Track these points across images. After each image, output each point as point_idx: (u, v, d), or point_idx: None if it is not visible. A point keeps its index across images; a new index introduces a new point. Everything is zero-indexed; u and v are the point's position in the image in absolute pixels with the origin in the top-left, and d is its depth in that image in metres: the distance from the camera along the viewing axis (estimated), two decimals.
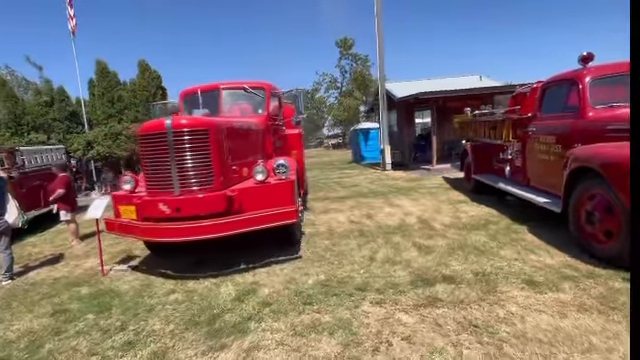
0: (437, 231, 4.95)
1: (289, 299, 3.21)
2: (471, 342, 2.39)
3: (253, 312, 3.01)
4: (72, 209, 6.15)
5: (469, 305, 2.88)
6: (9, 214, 4.40)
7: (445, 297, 3.04)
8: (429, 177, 10.13)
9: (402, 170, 12.15)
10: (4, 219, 4.35)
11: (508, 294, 3.00)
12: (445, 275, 3.47)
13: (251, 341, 2.59)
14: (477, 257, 3.89)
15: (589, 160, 3.64)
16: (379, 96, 12.44)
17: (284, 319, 2.86)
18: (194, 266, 4.30)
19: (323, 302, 3.09)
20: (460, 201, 6.75)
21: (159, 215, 3.73)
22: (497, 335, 2.43)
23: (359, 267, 3.86)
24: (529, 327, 2.51)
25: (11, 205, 4.44)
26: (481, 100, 11.77)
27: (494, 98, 12.73)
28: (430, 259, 3.94)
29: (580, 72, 4.43)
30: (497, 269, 3.52)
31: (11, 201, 4.46)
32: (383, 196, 7.87)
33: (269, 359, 2.37)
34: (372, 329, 2.63)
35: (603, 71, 4.36)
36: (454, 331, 2.53)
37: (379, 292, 3.21)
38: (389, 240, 4.71)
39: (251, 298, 3.30)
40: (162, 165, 3.77)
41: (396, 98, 12.09)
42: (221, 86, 5.50)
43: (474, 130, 7.51)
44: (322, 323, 2.75)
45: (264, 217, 3.78)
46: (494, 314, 2.70)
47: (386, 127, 12.37)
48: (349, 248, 4.52)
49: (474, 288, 3.16)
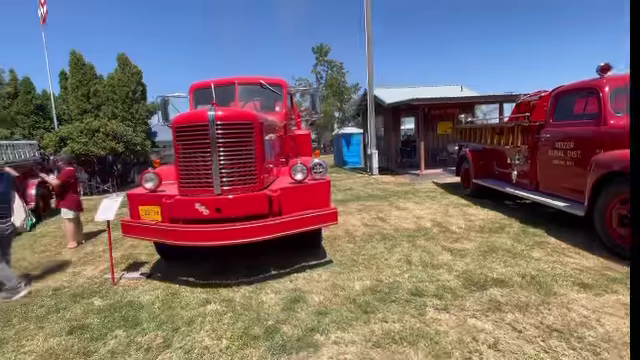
0: (458, 234, 4.88)
1: (346, 307, 2.95)
2: (562, 347, 2.27)
3: (313, 323, 2.72)
4: (75, 207, 5.50)
5: (537, 309, 2.78)
6: (16, 216, 3.78)
7: (507, 301, 2.92)
8: (419, 182, 10.20)
9: (389, 175, 12.18)
10: (11, 222, 3.74)
11: (568, 297, 2.94)
12: (494, 278, 3.37)
13: (329, 357, 2.31)
14: (513, 259, 3.85)
15: (627, 165, 3.69)
16: (368, 101, 12.43)
17: (352, 330, 2.60)
18: (217, 273, 3.91)
19: (384, 310, 2.87)
20: (463, 204, 6.79)
21: (195, 216, 3.32)
22: (586, 340, 2.33)
23: (400, 271, 3.67)
24: (611, 330, 2.43)
25: (18, 205, 3.81)
26: (463, 109, 12.14)
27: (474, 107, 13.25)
28: (469, 262, 3.83)
29: (600, 81, 4.55)
30: (540, 271, 3.48)
31: (18, 201, 3.83)
32: (384, 199, 7.77)
33: None
34: (452, 337, 2.44)
35: (622, 81, 4.51)
36: (538, 336, 2.40)
37: (437, 297, 3.04)
38: (415, 243, 4.57)
39: (302, 307, 3.00)
40: (201, 161, 3.37)
41: (385, 104, 12.14)
42: (236, 81, 5.13)
43: (476, 136, 7.60)
44: (396, 332, 2.52)
45: (308, 219, 3.50)
46: (568, 318, 2.62)
47: (374, 132, 12.38)
48: (378, 252, 4.32)
49: (530, 291, 3.07)
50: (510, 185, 6.19)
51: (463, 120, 8.54)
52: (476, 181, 7.20)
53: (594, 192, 4.09)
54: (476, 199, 7.06)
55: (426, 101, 10.73)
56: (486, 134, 7.11)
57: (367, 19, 12.19)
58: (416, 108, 11.35)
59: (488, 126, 7.26)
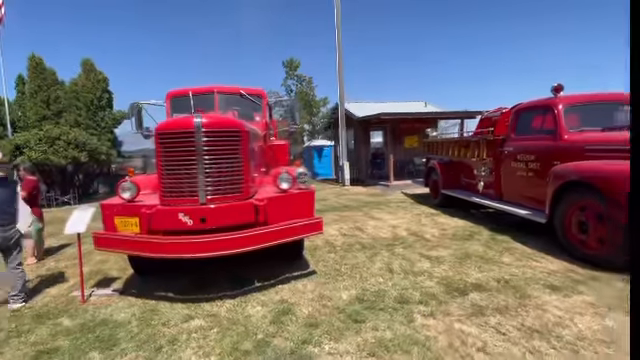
0: (433, 242, 5.01)
1: (336, 317, 2.90)
2: (545, 347, 2.36)
3: (304, 335, 2.64)
4: None
5: (516, 311, 2.88)
6: (22, 222, 3.45)
7: (487, 305, 3.01)
8: (390, 192, 10.41)
9: (361, 186, 12.36)
10: (16, 228, 3.38)
11: (541, 299, 3.08)
12: (472, 283, 3.48)
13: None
14: (487, 265, 3.99)
15: (584, 176, 3.98)
16: (339, 115, 12.64)
17: (345, 340, 2.55)
18: (198, 287, 3.72)
19: (373, 318, 2.85)
20: (434, 214, 7.00)
21: (178, 227, 3.15)
22: (564, 339, 2.44)
23: (383, 280, 3.69)
24: (583, 328, 2.57)
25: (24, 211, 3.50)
26: (427, 124, 12.65)
27: (437, 122, 13.83)
28: (447, 269, 3.93)
29: (555, 100, 4.92)
30: (513, 276, 3.63)
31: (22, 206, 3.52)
32: (359, 210, 7.84)
33: None
34: (442, 342, 2.47)
35: (573, 100, 4.91)
36: (522, 338, 2.49)
37: (423, 304, 3.07)
38: (394, 252, 4.63)
39: (291, 319, 2.91)
40: (186, 169, 3.21)
41: (355, 117, 12.40)
42: (216, 89, 5.01)
43: (443, 149, 7.91)
44: (388, 340, 2.51)
45: (295, 228, 3.42)
46: (545, 319, 2.74)
47: (345, 145, 12.57)
48: (360, 261, 4.32)
49: (507, 294, 3.19)
50: (477, 195, 6.47)
51: (430, 134, 8.88)
52: (444, 191, 7.47)
53: (554, 201, 4.37)
54: (445, 208, 7.32)
55: (394, 116, 11.08)
56: (453, 147, 7.43)
57: (338, 37, 12.49)
58: (385, 122, 11.69)
59: (455, 140, 7.60)
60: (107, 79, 15.48)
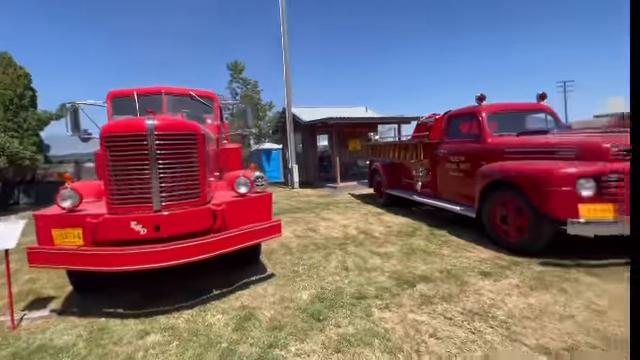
0: (382, 239, 5.27)
1: (299, 318, 2.92)
2: (484, 327, 2.64)
3: (270, 339, 2.63)
4: None
5: (458, 297, 3.17)
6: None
7: (434, 294, 3.26)
8: (338, 194, 10.68)
9: (310, 188, 12.48)
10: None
11: (477, 284, 3.42)
12: (420, 275, 3.73)
13: None
14: (429, 257, 4.31)
15: (505, 175, 4.49)
16: (287, 119, 12.64)
17: (310, 340, 2.59)
18: (150, 300, 3.48)
19: (334, 315, 2.93)
20: (379, 213, 7.34)
21: (129, 237, 2.92)
22: (499, 319, 2.75)
23: (340, 277, 3.80)
24: (513, 307, 2.92)
25: None
26: (368, 128, 13.21)
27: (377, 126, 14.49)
28: (396, 263, 4.17)
29: (480, 108, 5.47)
30: (453, 266, 3.97)
31: None
32: (310, 211, 7.93)
33: None
34: (399, 332, 2.63)
35: (494, 108, 5.51)
36: (465, 321, 2.75)
37: (378, 298, 3.23)
38: (347, 250, 4.78)
39: (254, 324, 2.88)
40: (138, 174, 2.99)
41: (303, 121, 12.51)
42: (163, 90, 4.70)
43: (385, 152, 8.31)
44: (351, 335, 2.60)
45: (254, 232, 3.37)
46: (482, 303, 3.04)
47: (294, 148, 12.61)
48: (316, 261, 4.39)
49: (450, 283, 3.49)
50: (416, 194, 6.92)
51: (372, 138, 9.29)
52: (388, 191, 7.87)
53: (481, 197, 4.87)
54: (389, 207, 7.72)
55: (339, 120, 11.40)
56: (394, 150, 7.86)
57: (284, 44, 12.50)
58: (330, 126, 11.96)
59: (396, 143, 8.04)
60: (29, 75, 13.61)
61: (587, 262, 3.78)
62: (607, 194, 3.65)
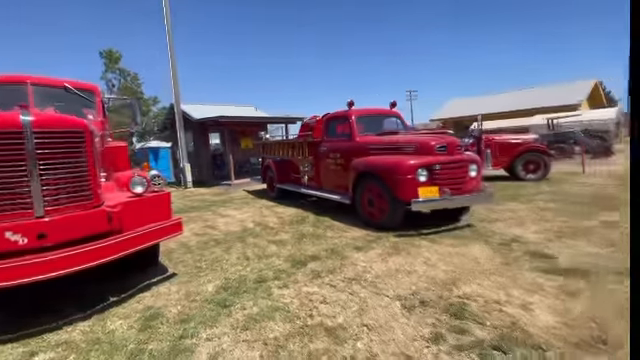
0: (276, 229, 5.60)
1: (206, 308, 3.01)
2: (359, 289, 3.24)
3: (179, 332, 2.66)
4: None
5: (340, 269, 3.74)
6: None
7: (322, 269, 3.76)
8: (233, 191, 10.54)
9: (204, 187, 11.89)
10: None
11: (353, 257, 4.07)
12: (310, 256, 4.20)
13: (207, 353, 2.39)
14: (318, 240, 4.85)
15: (369, 167, 5.33)
16: (176, 116, 11.65)
17: (219, 324, 2.73)
18: (35, 316, 3.02)
19: (240, 300, 3.12)
20: (272, 206, 7.66)
21: (5, 249, 2.49)
22: (369, 280, 3.40)
23: (242, 267, 3.97)
24: (378, 270, 3.62)
25: None
26: (259, 127, 13.33)
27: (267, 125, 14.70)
28: (290, 248, 4.56)
29: (349, 112, 6.28)
30: (335, 245, 4.58)
31: None
32: (207, 209, 7.69)
33: (240, 357, 2.34)
34: (296, 303, 3.01)
35: (360, 112, 6.39)
36: (345, 286, 3.30)
37: (277, 279, 3.55)
38: (246, 242, 4.95)
39: (161, 321, 2.84)
40: (12, 177, 2.54)
41: (193, 119, 11.74)
42: (29, 80, 3.90)
43: (275, 150, 8.63)
44: (256, 314, 2.85)
45: (154, 232, 3.20)
46: (357, 270, 3.67)
47: (185, 146, 11.76)
48: (218, 255, 4.44)
49: (333, 259, 4.05)
50: (303, 187, 7.49)
51: (263, 137, 9.52)
52: (279, 186, 8.26)
53: (354, 187, 5.67)
54: (281, 200, 8.11)
55: (231, 119, 11.20)
56: (283, 148, 8.27)
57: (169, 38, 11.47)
58: (222, 124, 11.63)
59: (285, 142, 8.46)
60: None
61: (425, 231, 4.87)
62: (434, 179, 4.77)
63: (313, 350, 2.34)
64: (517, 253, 3.91)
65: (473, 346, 2.30)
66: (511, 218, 5.45)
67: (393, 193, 4.84)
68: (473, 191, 5.03)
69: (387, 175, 4.95)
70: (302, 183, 7.54)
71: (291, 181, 8.12)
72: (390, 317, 2.71)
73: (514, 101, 27.21)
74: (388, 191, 4.94)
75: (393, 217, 4.99)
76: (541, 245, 4.13)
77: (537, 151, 9.13)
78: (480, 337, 2.39)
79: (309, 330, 2.58)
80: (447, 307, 2.79)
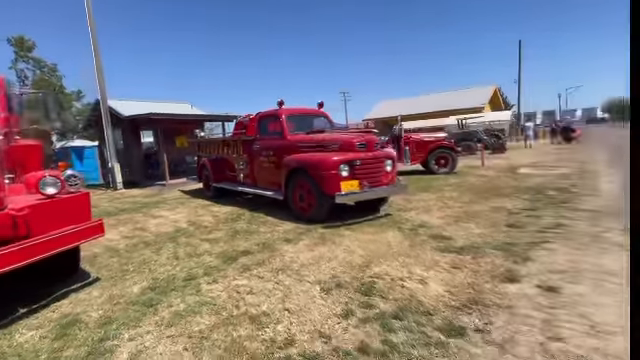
0: (210, 227, 5.51)
1: (131, 309, 2.91)
2: (284, 277, 3.40)
3: (100, 335, 2.55)
4: None
5: (269, 261, 3.86)
6: None
7: (251, 263, 3.85)
8: (167, 191, 9.94)
9: (136, 188, 10.96)
10: None
11: (283, 249, 4.23)
12: (241, 251, 4.25)
13: (129, 352, 2.35)
14: (250, 236, 4.91)
15: (299, 164, 5.52)
16: (102, 113, 10.49)
17: (143, 324, 2.68)
18: None
19: (167, 298, 3.08)
20: (208, 205, 7.46)
21: None
22: (294, 269, 3.58)
23: (172, 267, 3.88)
24: (304, 260, 3.83)
25: None
26: (194, 125, 12.73)
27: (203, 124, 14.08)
28: (222, 245, 4.55)
29: (280, 110, 6.39)
30: (267, 239, 4.69)
31: None
32: (138, 211, 7.18)
33: (163, 352, 2.34)
34: (224, 296, 3.07)
35: (290, 111, 6.53)
36: (272, 277, 3.45)
37: (207, 275, 3.55)
38: (178, 242, 4.81)
39: (80, 327, 2.68)
40: None
41: (123, 116, 10.71)
42: None
43: (211, 148, 8.37)
44: (182, 310, 2.85)
45: (68, 236, 2.93)
46: (284, 261, 3.84)
47: (113, 145, 10.69)
48: (147, 257, 4.25)
49: (264, 252, 4.16)
50: (239, 184, 7.43)
51: (199, 135, 9.16)
52: (215, 185, 8.05)
53: (286, 182, 5.82)
54: (217, 199, 7.93)
55: (164, 116, 10.51)
56: (219, 146, 8.08)
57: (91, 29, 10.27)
58: (155, 122, 10.86)
59: (220, 140, 8.26)
60: None
61: (349, 221, 5.24)
62: (355, 174, 5.14)
63: (236, 337, 2.44)
64: (422, 237, 4.43)
65: (377, 318, 2.61)
66: (422, 207, 6.11)
67: (319, 188, 5.10)
68: (389, 184, 5.52)
69: (314, 171, 5.19)
70: (238, 181, 7.47)
71: (227, 179, 7.98)
72: (309, 300, 2.93)
73: (433, 103, 29.90)
74: (315, 186, 5.18)
75: (321, 210, 5.26)
76: (442, 229, 4.73)
77: (446, 148, 10.25)
78: (383, 309, 2.71)
79: (234, 320, 2.67)
80: (359, 287, 3.10)
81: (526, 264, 3.39)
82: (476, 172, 10.35)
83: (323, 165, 5.07)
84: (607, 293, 2.73)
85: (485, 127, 16.84)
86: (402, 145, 10.12)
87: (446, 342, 2.25)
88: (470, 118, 17.36)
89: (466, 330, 2.37)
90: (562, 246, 3.81)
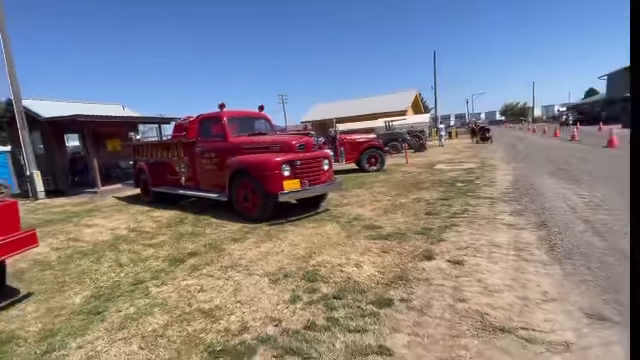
0: (153, 233, 5.27)
1: (75, 319, 2.75)
2: (234, 274, 3.51)
3: (43, 347, 2.39)
4: None
5: (217, 259, 3.91)
6: None
7: (200, 263, 3.85)
8: (100, 199, 9.01)
9: (62, 197, 9.66)
10: None
11: (230, 248, 4.30)
12: (188, 253, 4.20)
13: (79, 358, 2.26)
14: (196, 238, 4.85)
15: (242, 165, 5.57)
16: (16, 114, 8.98)
17: (91, 331, 2.58)
18: None
19: (115, 304, 2.97)
20: (149, 210, 7.03)
21: None
22: (243, 265, 3.70)
23: (115, 274, 3.69)
24: (251, 256, 3.96)
25: None
26: (128, 127, 11.70)
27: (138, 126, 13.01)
28: (168, 249, 4.43)
29: (222, 113, 6.33)
30: (213, 240, 4.69)
31: None
32: (68, 221, 6.44)
33: (117, 353, 2.30)
34: (174, 297, 3.07)
35: (232, 114, 6.51)
36: (222, 274, 3.52)
37: (155, 279, 3.48)
38: (119, 249, 4.53)
39: (17, 343, 2.47)
40: None
41: (42, 118, 9.30)
42: None
43: (148, 151, 7.85)
44: (132, 313, 2.80)
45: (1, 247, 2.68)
46: (233, 259, 3.92)
47: (31, 150, 9.23)
48: (86, 267, 3.95)
49: (211, 253, 4.18)
50: (181, 188, 7.14)
51: (134, 138, 8.52)
52: (154, 189, 7.60)
53: (230, 184, 5.81)
54: (157, 204, 7.50)
55: (92, 118, 9.47)
56: (157, 149, 7.64)
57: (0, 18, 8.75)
58: (82, 124, 9.72)
59: (158, 143, 7.81)
60: None
61: (293, 218, 5.48)
62: (295, 173, 5.39)
63: (191, 331, 2.52)
64: (357, 227, 4.88)
65: (320, 299, 2.89)
66: (356, 202, 6.64)
67: (263, 187, 5.25)
68: (327, 181, 5.90)
69: (257, 172, 5.31)
70: (179, 184, 7.18)
71: (167, 183, 7.60)
72: (259, 291, 3.10)
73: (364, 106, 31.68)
74: (259, 186, 5.31)
75: (265, 209, 5.40)
76: (373, 220, 5.25)
77: (376, 148, 11.12)
78: (326, 292, 3.01)
79: (187, 316, 2.73)
80: (304, 275, 3.36)
81: (439, 244, 3.99)
82: (401, 169, 11.43)
83: (266, 165, 5.23)
84: (496, 262, 3.42)
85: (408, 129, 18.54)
86: (338, 146, 10.70)
87: (377, 312, 2.63)
88: (396, 120, 18.93)
89: (393, 301, 2.78)
90: (467, 228, 4.55)
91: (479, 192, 6.74)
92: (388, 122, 18.04)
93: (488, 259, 3.48)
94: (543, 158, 11.37)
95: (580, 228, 4.10)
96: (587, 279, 2.87)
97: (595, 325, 2.23)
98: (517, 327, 2.27)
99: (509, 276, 3.05)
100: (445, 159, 14.04)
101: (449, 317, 2.47)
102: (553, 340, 2.12)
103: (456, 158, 14.16)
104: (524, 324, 2.30)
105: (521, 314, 2.43)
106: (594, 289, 2.69)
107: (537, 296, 2.66)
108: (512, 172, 8.94)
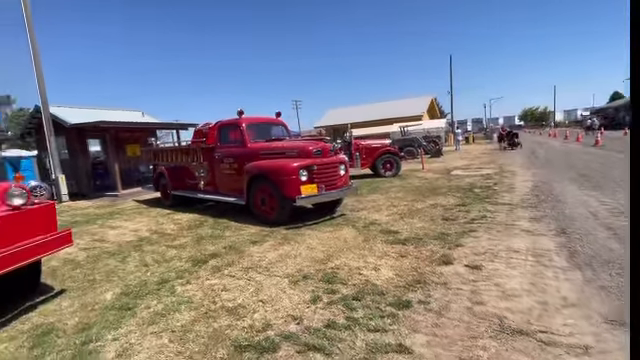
0: (174, 235, 5.51)
1: (108, 314, 2.96)
2: (255, 274, 3.67)
3: (82, 339, 2.60)
4: None
5: (238, 261, 4.09)
6: None
7: (221, 264, 4.04)
8: (121, 202, 9.40)
9: (85, 200, 10.13)
10: None
11: (250, 250, 4.48)
12: (210, 254, 4.40)
13: (115, 350, 2.45)
14: (217, 240, 5.05)
15: (260, 170, 5.77)
16: (44, 121, 9.52)
17: (124, 325, 2.78)
18: None
19: (144, 301, 3.17)
20: (169, 213, 7.32)
21: None
22: (262, 268, 3.86)
23: (142, 273, 3.91)
24: (270, 258, 4.12)
25: None
26: (147, 133, 12.20)
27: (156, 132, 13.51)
28: (190, 250, 4.64)
29: (241, 120, 6.58)
30: (233, 242, 4.89)
31: None
32: (92, 224, 6.79)
33: (150, 346, 2.48)
34: (200, 295, 3.25)
35: (250, 120, 6.76)
36: (244, 274, 3.69)
37: (180, 278, 3.68)
38: (143, 250, 4.77)
39: (57, 334, 2.69)
40: None
41: (67, 124, 9.84)
42: None
43: (167, 156, 8.18)
44: (161, 310, 2.99)
45: (39, 246, 2.89)
46: (253, 260, 4.09)
47: (57, 155, 9.76)
48: (113, 266, 4.20)
49: (232, 254, 4.36)
50: (200, 192, 7.41)
51: (154, 143, 8.89)
52: (174, 193, 7.91)
53: (248, 188, 6.02)
54: (177, 207, 7.80)
55: (114, 124, 9.94)
56: (177, 154, 7.95)
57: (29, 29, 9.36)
58: (104, 130, 10.21)
59: (178, 148, 8.14)
60: None
61: (309, 222, 5.63)
62: (312, 178, 5.56)
63: (217, 327, 2.68)
64: (374, 232, 4.98)
65: (340, 300, 3.01)
66: (372, 207, 6.73)
67: (281, 192, 5.43)
68: (343, 186, 6.03)
69: (275, 176, 5.50)
70: (198, 188, 7.45)
71: (186, 187, 7.90)
72: (280, 291, 3.25)
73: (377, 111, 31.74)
74: (277, 190, 5.49)
75: (282, 213, 5.57)
76: (390, 224, 5.34)
77: (392, 153, 11.19)
78: (345, 293, 3.13)
79: (213, 313, 2.90)
80: (323, 277, 3.49)
81: (457, 249, 4.05)
82: (417, 175, 11.44)
83: (284, 170, 5.41)
84: (514, 267, 3.46)
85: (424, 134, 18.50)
86: (353, 151, 10.83)
87: (396, 313, 2.73)
88: (411, 126, 18.94)
89: (411, 303, 2.87)
90: (485, 233, 4.59)
91: (497, 198, 6.73)
92: (403, 127, 18.07)
93: (507, 264, 3.52)
94: (564, 164, 11.18)
95: (602, 235, 4.09)
96: (608, 285, 2.89)
97: (615, 330, 2.27)
98: (536, 330, 2.33)
99: (528, 281, 3.10)
100: (462, 165, 13.95)
101: (467, 319, 2.55)
102: (572, 343, 2.17)
103: (473, 164, 14.05)
104: (543, 327, 2.36)
105: (540, 318, 2.49)
106: (615, 295, 2.71)
107: (556, 301, 2.71)
108: (531, 178, 8.85)
